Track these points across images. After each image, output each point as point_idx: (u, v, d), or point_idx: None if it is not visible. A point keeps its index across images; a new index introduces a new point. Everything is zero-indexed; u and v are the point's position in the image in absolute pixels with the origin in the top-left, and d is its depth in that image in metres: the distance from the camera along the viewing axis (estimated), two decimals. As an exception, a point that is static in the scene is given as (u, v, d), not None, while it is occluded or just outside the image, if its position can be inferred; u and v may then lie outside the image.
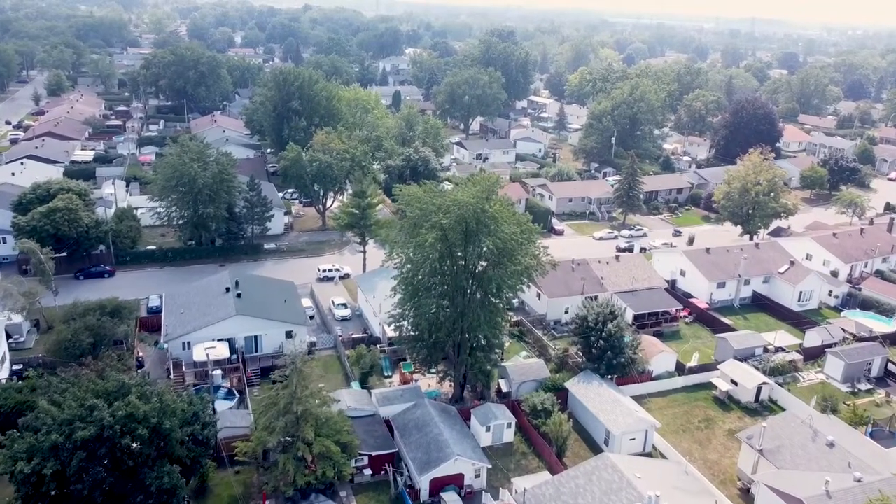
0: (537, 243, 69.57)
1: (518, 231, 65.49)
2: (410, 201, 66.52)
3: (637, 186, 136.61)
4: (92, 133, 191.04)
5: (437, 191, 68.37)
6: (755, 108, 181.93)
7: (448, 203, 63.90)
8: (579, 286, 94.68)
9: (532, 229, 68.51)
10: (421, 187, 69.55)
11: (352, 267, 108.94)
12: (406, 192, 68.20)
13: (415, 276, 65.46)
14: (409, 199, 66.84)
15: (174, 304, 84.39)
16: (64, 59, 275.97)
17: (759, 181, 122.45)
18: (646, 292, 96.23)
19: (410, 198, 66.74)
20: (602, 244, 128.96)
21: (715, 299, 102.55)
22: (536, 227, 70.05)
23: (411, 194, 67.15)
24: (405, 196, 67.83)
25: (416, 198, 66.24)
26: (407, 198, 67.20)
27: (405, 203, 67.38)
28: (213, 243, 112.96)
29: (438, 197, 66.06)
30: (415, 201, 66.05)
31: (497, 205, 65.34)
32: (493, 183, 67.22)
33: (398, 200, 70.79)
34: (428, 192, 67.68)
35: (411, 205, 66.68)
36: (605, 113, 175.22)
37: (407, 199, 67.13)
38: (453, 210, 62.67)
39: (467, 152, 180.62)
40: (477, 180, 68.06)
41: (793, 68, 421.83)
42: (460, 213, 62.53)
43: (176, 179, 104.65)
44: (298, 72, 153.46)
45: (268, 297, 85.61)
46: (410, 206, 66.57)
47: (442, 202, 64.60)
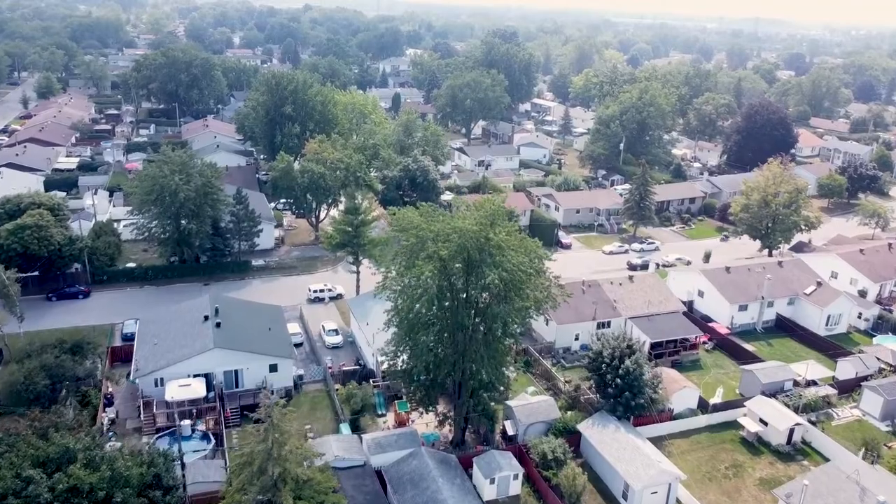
0: (548, 273, 62.04)
1: (526, 261, 58.03)
2: (405, 227, 59.08)
3: (649, 197, 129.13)
4: (79, 138, 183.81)
5: (436, 215, 60.84)
6: (769, 113, 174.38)
7: (447, 231, 56.49)
8: (591, 311, 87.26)
9: (542, 256, 61.07)
10: (418, 210, 62.11)
11: (345, 286, 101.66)
12: (401, 216, 60.77)
13: (410, 310, 58.01)
14: (403, 225, 59.39)
15: (148, 333, 77.05)
16: (55, 61, 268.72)
17: (780, 192, 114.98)
18: (662, 317, 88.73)
19: (405, 223, 59.30)
20: (612, 259, 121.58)
21: (736, 323, 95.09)
22: (546, 254, 62.57)
23: (406, 219, 59.72)
24: (400, 221, 60.38)
25: (412, 223, 58.79)
26: (402, 223, 59.75)
27: (400, 229, 59.91)
28: (198, 260, 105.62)
29: (437, 223, 58.57)
30: (410, 227, 58.59)
31: (502, 232, 57.82)
32: (497, 207, 59.61)
33: (392, 225, 63.19)
34: (425, 215, 60.23)
35: (406, 230, 59.22)
36: (613, 118, 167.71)
37: (401, 224, 59.69)
38: (453, 239, 55.29)
39: (469, 159, 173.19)
40: (481, 204, 60.46)
41: (800, 69, 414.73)
42: (461, 242, 55.14)
43: (156, 193, 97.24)
44: (292, 75, 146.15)
45: (251, 325, 78.24)
46: (406, 233, 59.11)
47: (441, 229, 57.17)
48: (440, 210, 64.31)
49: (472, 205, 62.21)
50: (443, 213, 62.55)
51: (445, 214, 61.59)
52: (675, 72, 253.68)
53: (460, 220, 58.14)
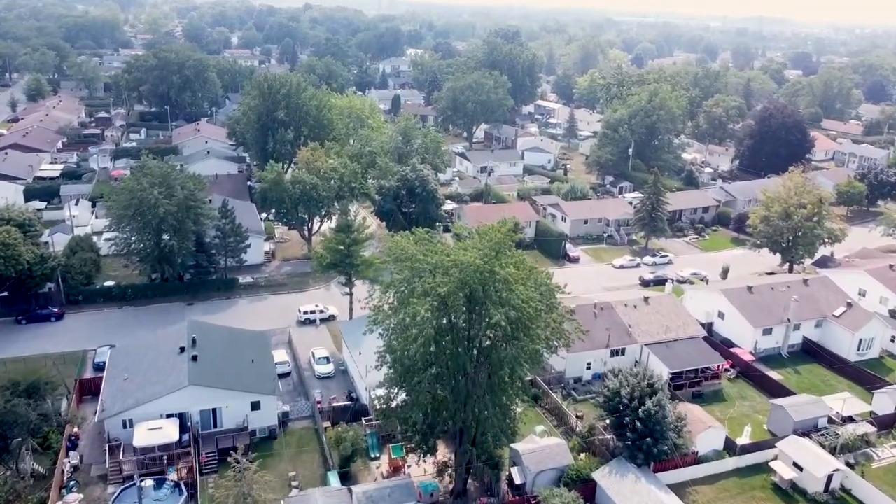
0: (560, 308, 54.93)
1: (536, 296, 50.97)
2: (399, 257, 52.02)
3: (661, 207, 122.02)
4: (66, 143, 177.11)
5: (434, 244, 53.74)
6: (784, 116, 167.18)
7: (447, 263, 49.46)
8: (604, 337, 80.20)
9: (554, 290, 53.98)
10: (413, 236, 55.05)
11: (338, 305, 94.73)
12: (395, 245, 53.68)
13: (404, 354, 50.93)
14: (397, 255, 52.33)
15: (118, 366, 70.11)
16: (46, 62, 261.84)
17: (803, 204, 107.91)
18: (682, 343, 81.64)
19: (399, 253, 52.24)
20: (623, 274, 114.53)
21: (760, 348, 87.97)
22: (558, 286, 55.47)
23: (400, 248, 52.67)
24: (393, 251, 53.31)
25: (407, 253, 51.72)
26: (395, 252, 52.69)
27: (393, 259, 52.84)
28: (181, 278, 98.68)
29: (434, 254, 51.46)
30: (405, 258, 51.52)
31: (510, 263, 50.71)
32: (505, 235, 52.44)
33: (384, 254, 55.99)
34: (422, 244, 53.15)
35: (400, 261, 52.17)
36: (622, 121, 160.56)
37: (395, 253, 52.63)
38: (453, 273, 48.29)
39: (471, 164, 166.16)
40: (485, 232, 53.29)
41: (808, 69, 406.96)
42: (463, 277, 48.14)
43: (133, 207, 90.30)
44: (285, 79, 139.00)
45: (232, 357, 71.26)
46: (399, 264, 52.07)
47: (439, 261, 50.12)
48: (438, 237, 57.12)
49: (476, 232, 54.95)
50: (441, 241, 55.44)
51: (444, 243, 54.51)
52: (683, 73, 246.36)
53: (462, 250, 51.03)
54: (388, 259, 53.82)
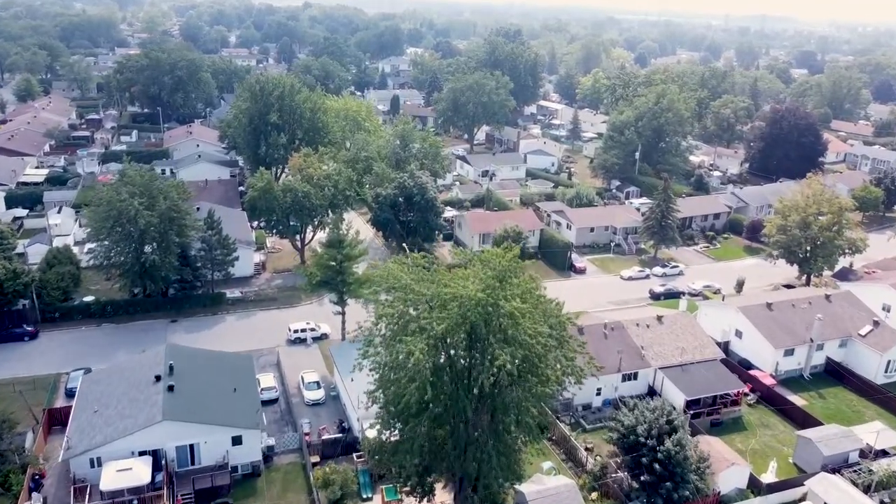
0: (572, 341, 49.24)
1: (546, 330, 45.30)
2: (390, 286, 46.35)
3: (671, 214, 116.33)
4: (54, 146, 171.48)
5: (429, 271, 48.05)
6: (796, 118, 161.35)
7: (445, 297, 43.81)
8: (615, 361, 74.53)
9: (566, 322, 48.32)
10: (407, 260, 49.36)
11: (331, 323, 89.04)
12: (384, 273, 47.97)
13: (398, 398, 45.21)
14: (388, 284, 46.66)
15: (89, 396, 64.48)
16: (37, 62, 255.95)
17: (821, 213, 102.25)
18: (699, 367, 75.96)
19: (390, 282, 46.57)
20: (631, 286, 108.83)
21: (781, 369, 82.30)
22: (571, 317, 49.83)
23: (391, 276, 46.97)
24: (383, 280, 47.62)
25: (399, 283, 46.02)
26: (385, 281, 47.00)
27: (385, 289, 47.15)
28: (165, 294, 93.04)
29: (430, 283, 45.77)
30: (398, 288, 45.83)
31: (516, 295, 45.01)
32: (509, 262, 46.72)
33: (374, 282, 50.09)
34: (416, 272, 47.45)
35: (393, 289, 46.50)
36: (628, 124, 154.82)
37: (385, 282, 46.94)
38: (453, 309, 42.66)
39: (472, 168, 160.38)
40: (488, 258, 47.54)
41: (813, 68, 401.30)
42: (463, 312, 42.51)
43: (112, 220, 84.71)
44: (278, 81, 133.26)
45: (212, 386, 65.65)
46: (390, 293, 46.37)
47: (436, 293, 44.46)
48: (433, 263, 51.36)
49: (479, 258, 49.17)
50: (438, 266, 49.70)
51: (442, 270, 48.75)
52: (689, 72, 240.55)
53: (461, 280, 45.33)
54: (379, 288, 48.00)
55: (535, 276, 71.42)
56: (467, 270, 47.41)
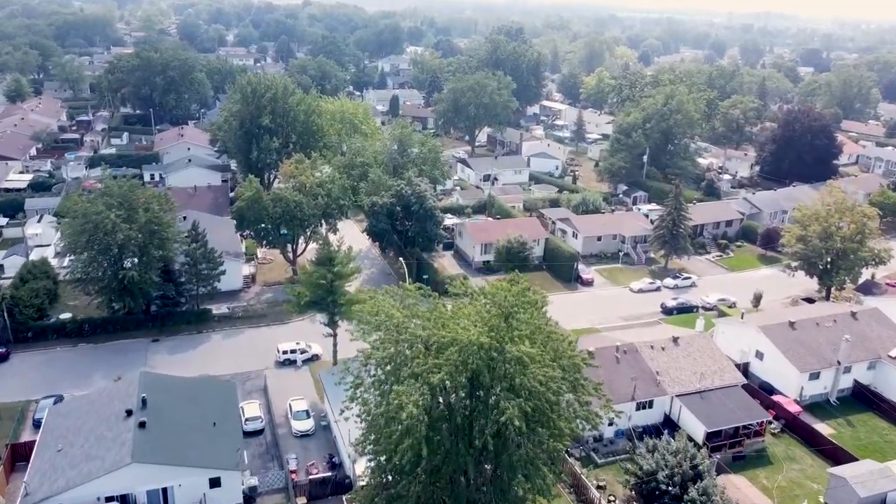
0: (588, 384, 43.53)
1: (559, 374, 39.61)
2: (379, 324, 40.63)
3: (683, 223, 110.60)
4: (41, 150, 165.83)
5: (424, 305, 42.33)
6: (810, 120, 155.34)
7: (443, 341, 38.13)
8: (628, 388, 68.86)
9: (581, 364, 42.63)
10: (400, 291, 43.61)
11: (323, 343, 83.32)
12: (373, 307, 42.27)
13: (390, 452, 39.47)
14: (376, 321, 40.95)
15: (55, 430, 59.00)
16: (28, 62, 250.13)
17: (842, 223, 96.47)
18: (718, 394, 70.25)
19: (380, 318, 40.86)
20: (642, 299, 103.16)
21: (806, 394, 76.58)
22: (585, 357, 44.13)
23: (381, 311, 41.24)
24: (371, 314, 41.92)
25: (389, 319, 40.30)
26: (373, 319, 41.28)
27: (374, 326, 41.43)
28: (148, 310, 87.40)
29: (426, 320, 40.06)
30: (388, 327, 40.11)
31: (524, 335, 39.29)
32: (517, 297, 40.99)
33: (360, 321, 44.17)
34: (409, 307, 41.72)
35: (381, 328, 40.76)
36: (635, 126, 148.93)
37: (374, 321, 41.23)
38: (451, 355, 36.99)
39: (473, 172, 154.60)
40: (493, 292, 41.81)
41: (819, 66, 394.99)
42: (463, 358, 36.84)
43: (88, 233, 79.12)
44: (270, 82, 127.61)
45: (190, 419, 60.00)
46: (379, 331, 40.66)
47: (431, 336, 38.78)
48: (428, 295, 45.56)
49: (481, 291, 43.42)
50: (436, 299, 43.92)
51: (440, 305, 42.96)
52: (696, 71, 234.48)
53: (462, 320, 39.59)
54: (367, 326, 42.27)
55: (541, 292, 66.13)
56: (468, 309, 41.57)
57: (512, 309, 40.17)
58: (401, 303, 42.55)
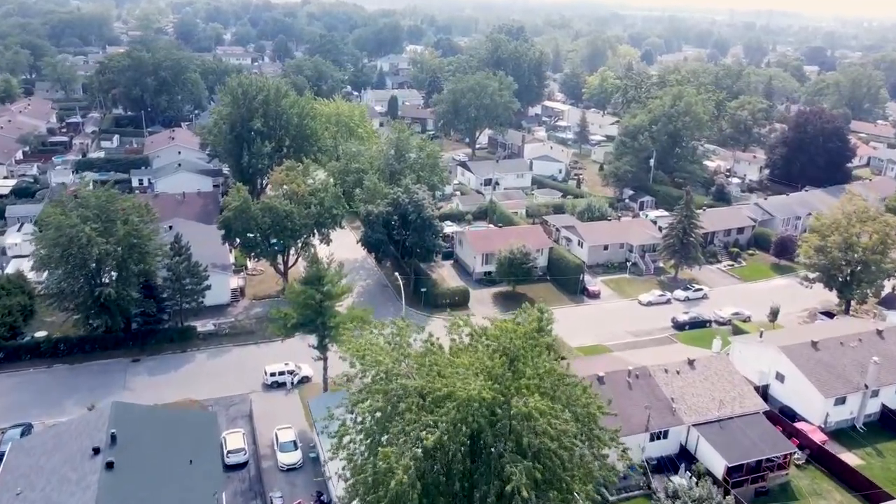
0: (604, 434, 38.35)
1: (572, 427, 34.42)
2: (366, 366, 35.47)
3: (694, 231, 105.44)
4: (29, 153, 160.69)
5: (419, 345, 37.14)
6: (822, 122, 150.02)
7: (440, 392, 32.97)
8: (642, 417, 63.66)
9: (596, 413, 37.47)
10: (391, 327, 38.42)
11: (314, 363, 77.93)
12: (359, 350, 37.07)
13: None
14: (365, 363, 35.79)
15: (16, 469, 53.79)
16: (19, 62, 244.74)
17: (862, 234, 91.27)
18: (739, 423, 65.07)
19: (367, 362, 35.68)
20: (652, 313, 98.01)
21: (831, 420, 71.43)
22: (601, 405, 38.95)
23: (367, 353, 36.03)
24: (356, 352, 36.73)
25: (382, 366, 35.12)
26: (361, 361, 36.09)
27: (361, 368, 36.24)
28: (128, 328, 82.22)
29: (422, 368, 34.85)
30: (377, 372, 34.93)
31: (534, 385, 34.08)
32: (525, 340, 35.76)
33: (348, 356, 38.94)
34: (399, 346, 36.55)
35: (369, 369, 35.60)
36: (642, 128, 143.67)
37: (362, 362, 36.04)
38: (448, 412, 31.85)
39: (473, 177, 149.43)
40: (496, 335, 36.57)
41: (825, 65, 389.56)
42: (463, 416, 31.70)
43: (62, 248, 74.01)
44: (262, 83, 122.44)
45: (163, 456, 54.78)
46: (367, 373, 35.49)
47: (425, 386, 33.62)
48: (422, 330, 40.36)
49: (483, 332, 38.20)
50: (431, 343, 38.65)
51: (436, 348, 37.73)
52: (702, 70, 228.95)
53: (462, 366, 34.38)
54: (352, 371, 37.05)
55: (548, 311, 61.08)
56: (466, 358, 36.21)
57: (519, 352, 35.04)
58: (392, 340, 37.38)
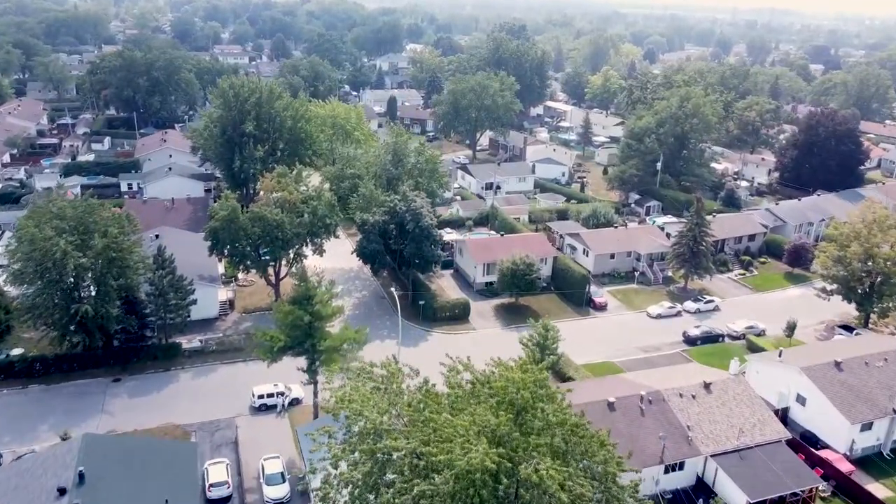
0: (625, 493, 33.73)
1: (590, 492, 29.84)
2: (352, 419, 30.97)
3: (705, 240, 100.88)
4: (17, 155, 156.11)
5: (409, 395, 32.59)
6: (834, 124, 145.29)
7: (435, 459, 28.41)
8: (656, 447, 59.06)
9: (614, 470, 32.91)
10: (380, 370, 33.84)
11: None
12: (341, 400, 32.55)
13: None
14: (349, 419, 31.22)
15: (-24, 512, 49.33)
16: (10, 61, 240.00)
17: (883, 244, 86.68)
18: (760, 453, 60.51)
19: (350, 417, 31.12)
20: (661, 326, 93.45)
21: (856, 447, 66.85)
22: (622, 460, 34.40)
23: (351, 406, 31.47)
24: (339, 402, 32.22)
25: (370, 422, 30.59)
26: (347, 415, 31.53)
27: (347, 425, 31.68)
28: (109, 345, 77.64)
29: (414, 426, 30.28)
30: (363, 430, 30.38)
31: (547, 447, 29.50)
32: (534, 388, 31.18)
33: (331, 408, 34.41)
34: (392, 392, 32.01)
35: (357, 419, 31.05)
36: (648, 131, 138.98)
37: (347, 418, 31.47)
38: (446, 482, 27.30)
39: (474, 180, 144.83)
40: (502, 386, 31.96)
41: (829, 63, 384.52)
42: (463, 486, 27.17)
43: (35, 262, 69.48)
44: (254, 85, 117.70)
45: (136, 497, 50.25)
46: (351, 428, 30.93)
47: (418, 448, 29.06)
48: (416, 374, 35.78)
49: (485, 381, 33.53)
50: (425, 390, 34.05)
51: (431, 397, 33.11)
52: (707, 70, 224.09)
53: (462, 425, 29.82)
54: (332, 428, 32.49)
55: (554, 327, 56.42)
56: (468, 417, 31.49)
57: (527, 403, 30.50)
58: (382, 384, 32.80)
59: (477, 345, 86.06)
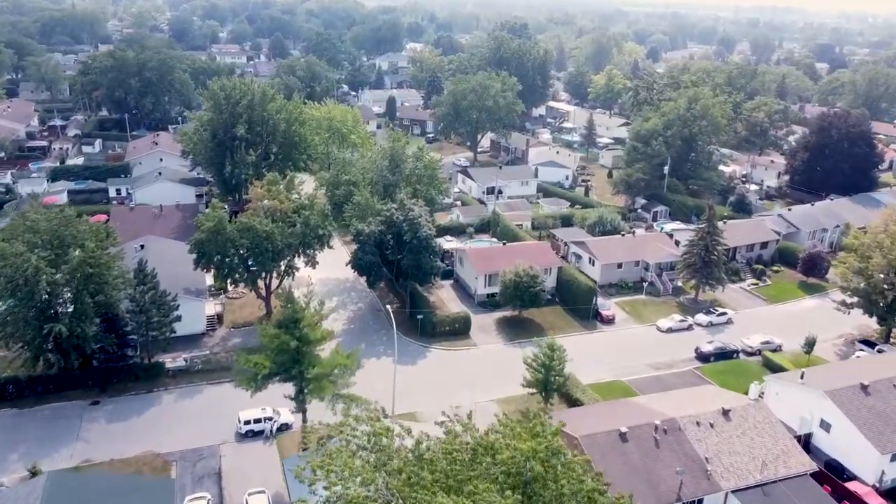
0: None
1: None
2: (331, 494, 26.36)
3: (717, 249, 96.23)
4: (4, 158, 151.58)
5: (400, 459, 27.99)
6: (847, 126, 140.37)
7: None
8: (672, 483, 54.42)
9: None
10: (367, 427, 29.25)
11: (296, 406, 69.01)
12: (319, 468, 27.95)
13: None
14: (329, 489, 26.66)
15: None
16: (2, 61, 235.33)
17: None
18: (784, 488, 55.86)
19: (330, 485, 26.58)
20: (672, 341, 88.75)
21: (886, 478, 62.19)
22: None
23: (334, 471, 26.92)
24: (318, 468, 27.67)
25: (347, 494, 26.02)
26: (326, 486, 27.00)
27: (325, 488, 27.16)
28: (88, 365, 73.10)
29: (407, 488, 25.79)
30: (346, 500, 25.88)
31: None
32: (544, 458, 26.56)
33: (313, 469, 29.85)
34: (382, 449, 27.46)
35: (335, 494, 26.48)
36: (655, 133, 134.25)
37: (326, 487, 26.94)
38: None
39: (475, 184, 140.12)
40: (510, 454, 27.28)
41: (834, 62, 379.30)
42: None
43: (6, 279, 64.94)
44: (246, 87, 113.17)
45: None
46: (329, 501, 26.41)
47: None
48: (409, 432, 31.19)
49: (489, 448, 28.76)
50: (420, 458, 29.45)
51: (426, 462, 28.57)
52: (712, 69, 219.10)
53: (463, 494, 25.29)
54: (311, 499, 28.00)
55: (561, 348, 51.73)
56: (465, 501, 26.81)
57: (537, 475, 25.95)
58: (367, 446, 28.26)
59: (478, 362, 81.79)
